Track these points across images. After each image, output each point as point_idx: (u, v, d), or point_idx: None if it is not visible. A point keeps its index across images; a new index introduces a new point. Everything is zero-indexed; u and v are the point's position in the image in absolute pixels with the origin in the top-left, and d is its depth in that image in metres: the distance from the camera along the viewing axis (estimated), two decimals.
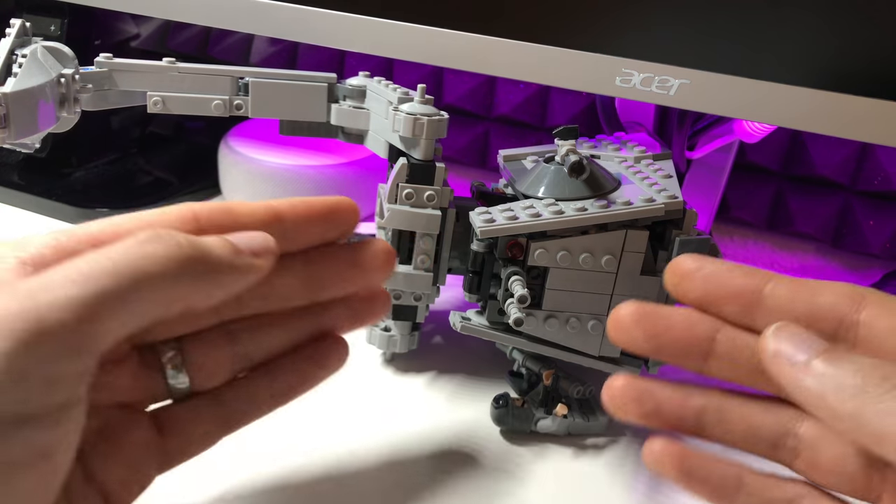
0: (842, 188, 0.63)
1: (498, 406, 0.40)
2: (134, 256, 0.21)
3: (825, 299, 0.24)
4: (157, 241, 0.22)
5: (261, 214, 0.26)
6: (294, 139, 0.63)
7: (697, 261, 0.26)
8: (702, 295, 0.26)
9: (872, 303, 0.23)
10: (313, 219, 0.28)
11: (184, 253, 0.22)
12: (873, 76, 0.38)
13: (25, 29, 0.43)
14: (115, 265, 0.21)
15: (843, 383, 0.21)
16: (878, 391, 0.20)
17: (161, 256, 0.22)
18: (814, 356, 0.22)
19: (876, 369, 0.21)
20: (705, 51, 0.41)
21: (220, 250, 0.23)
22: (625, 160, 0.44)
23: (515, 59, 0.45)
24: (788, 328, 0.23)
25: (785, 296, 0.24)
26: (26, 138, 0.40)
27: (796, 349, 0.22)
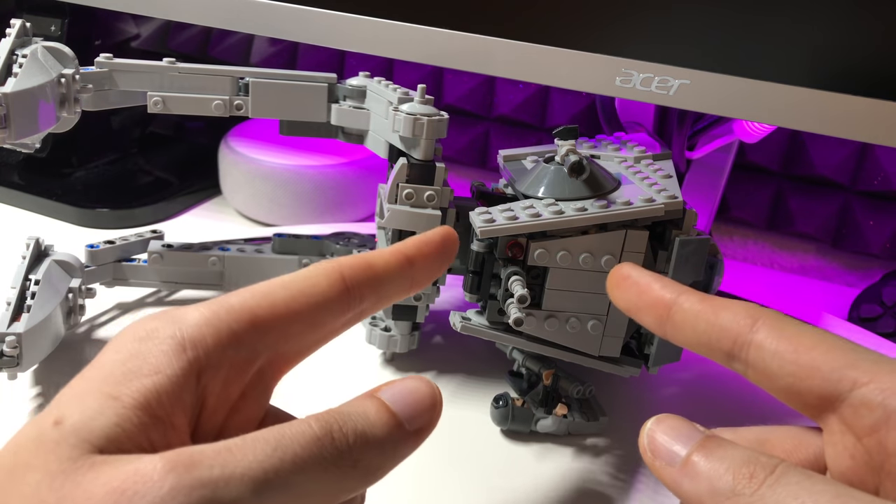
0: (842, 188, 0.63)
1: (498, 406, 0.40)
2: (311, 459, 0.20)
3: (723, 319, 0.24)
4: (330, 443, 0.21)
5: (396, 265, 0.26)
6: (294, 139, 0.63)
7: (630, 269, 0.28)
8: (626, 303, 0.27)
9: (765, 325, 0.23)
10: (435, 256, 0.28)
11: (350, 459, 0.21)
12: (873, 76, 0.38)
13: (26, 29, 0.43)
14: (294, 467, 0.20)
15: (716, 486, 0.21)
16: (748, 490, 0.20)
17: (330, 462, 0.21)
18: (691, 451, 0.22)
19: (745, 465, 0.21)
20: (705, 51, 0.41)
21: (383, 435, 0.22)
22: (625, 160, 0.44)
23: (515, 59, 0.45)
24: (665, 421, 0.24)
25: (689, 312, 0.25)
26: (26, 138, 0.40)
27: (673, 444, 0.23)
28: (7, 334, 0.37)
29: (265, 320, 0.23)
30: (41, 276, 0.42)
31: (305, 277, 0.24)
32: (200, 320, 0.22)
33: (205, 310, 0.22)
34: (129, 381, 0.20)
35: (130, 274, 0.49)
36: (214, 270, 0.49)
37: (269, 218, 0.63)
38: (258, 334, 0.22)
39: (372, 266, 0.25)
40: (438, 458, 0.39)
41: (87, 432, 0.19)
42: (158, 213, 0.63)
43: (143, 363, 0.21)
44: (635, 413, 0.44)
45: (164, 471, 0.19)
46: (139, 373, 0.20)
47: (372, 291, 0.25)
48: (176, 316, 0.22)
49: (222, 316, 0.22)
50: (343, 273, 0.24)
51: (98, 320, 0.48)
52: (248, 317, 0.22)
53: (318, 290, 0.24)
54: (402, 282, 0.26)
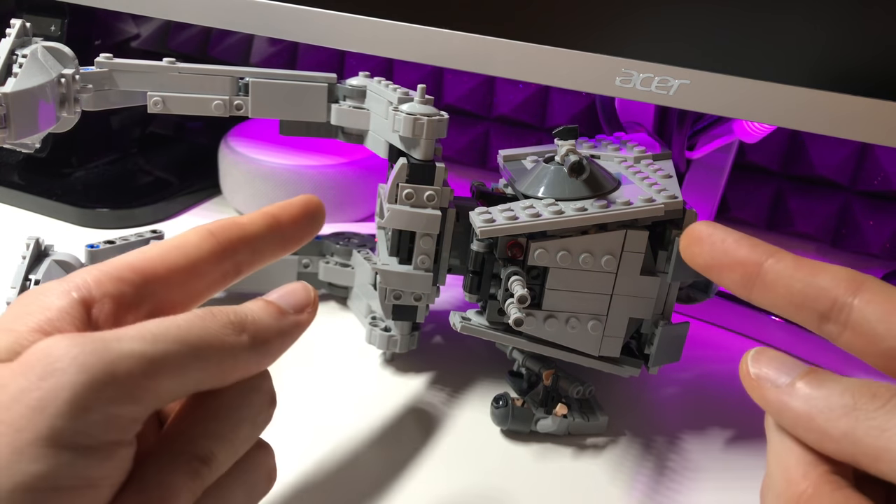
0: (841, 188, 0.63)
1: (498, 406, 0.40)
2: (196, 329, 0.23)
3: (823, 280, 0.24)
4: (211, 318, 0.24)
5: (261, 220, 0.29)
6: (294, 139, 0.63)
7: (710, 228, 0.27)
8: (707, 261, 0.27)
9: (869, 289, 0.23)
10: (300, 216, 0.30)
11: (235, 328, 0.25)
12: (873, 76, 0.38)
13: (26, 29, 0.43)
14: (179, 332, 0.23)
15: (832, 403, 0.21)
16: (870, 408, 0.20)
17: (216, 331, 0.24)
18: (797, 378, 0.22)
19: (864, 387, 0.21)
20: (705, 51, 0.41)
21: (267, 319, 0.26)
22: (625, 160, 0.44)
23: (515, 59, 0.45)
24: (768, 352, 0.24)
25: (784, 272, 0.25)
26: (26, 138, 0.40)
27: (778, 372, 0.23)
28: None
29: (143, 270, 0.25)
30: (41, 276, 0.42)
31: (177, 237, 0.27)
32: (85, 274, 0.25)
33: (91, 268, 0.25)
34: (21, 318, 0.23)
35: None
36: None
37: None
38: (139, 279, 0.25)
39: (238, 222, 0.28)
40: (438, 458, 0.39)
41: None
42: (158, 213, 0.63)
43: (34, 305, 0.24)
44: (635, 413, 0.44)
45: (63, 340, 0.21)
46: (30, 311, 0.23)
47: (243, 244, 0.28)
48: (67, 277, 0.25)
49: (104, 269, 0.25)
50: (211, 229, 0.28)
51: None
52: (127, 267, 0.25)
53: (189, 242, 0.27)
54: (272, 238, 0.29)
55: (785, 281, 0.24)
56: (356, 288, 0.50)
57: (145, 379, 0.22)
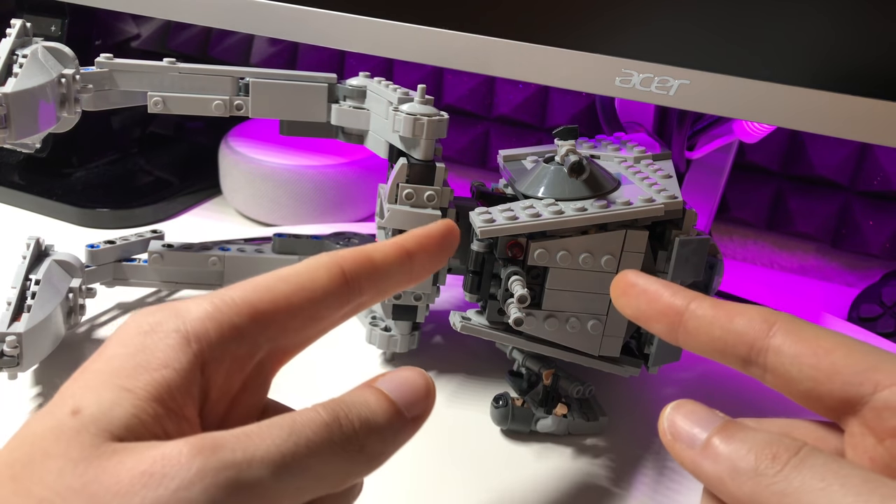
0: (841, 188, 0.63)
1: (498, 406, 0.40)
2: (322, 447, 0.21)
3: (738, 325, 0.24)
4: (338, 431, 0.22)
5: (396, 259, 0.27)
6: (294, 139, 0.63)
7: (636, 277, 0.27)
8: (635, 312, 0.27)
9: (782, 329, 0.23)
10: (435, 250, 0.28)
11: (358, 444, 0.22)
12: (873, 76, 0.38)
13: (26, 29, 0.43)
14: (308, 453, 0.21)
15: (738, 466, 0.21)
16: (770, 472, 0.20)
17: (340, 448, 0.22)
18: (712, 434, 0.22)
19: (767, 447, 0.21)
20: (705, 51, 0.41)
21: (387, 428, 0.23)
22: (625, 160, 0.44)
23: (515, 59, 0.45)
24: (684, 407, 0.24)
25: (703, 319, 0.25)
26: (27, 138, 0.40)
27: (693, 429, 0.23)
28: (7, 334, 0.37)
29: (266, 314, 0.23)
30: (41, 276, 0.42)
31: (306, 271, 0.24)
32: (203, 314, 0.22)
33: (207, 304, 0.22)
34: (139, 375, 0.21)
35: (131, 274, 0.49)
36: (215, 270, 0.49)
37: (269, 218, 0.63)
38: (259, 328, 0.23)
39: (372, 260, 0.26)
40: (438, 457, 0.39)
41: (106, 422, 0.20)
42: (158, 213, 0.63)
43: (151, 357, 0.21)
44: (635, 413, 0.44)
45: (191, 454, 0.19)
46: (148, 366, 0.21)
47: (371, 285, 0.26)
48: (179, 309, 0.22)
49: (224, 310, 0.22)
50: (343, 267, 0.25)
51: (98, 320, 0.48)
52: (249, 311, 0.23)
53: (319, 284, 0.24)
54: (401, 275, 0.27)
55: (705, 328, 0.25)
56: None
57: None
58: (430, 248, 0.28)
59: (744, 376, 0.25)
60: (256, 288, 0.23)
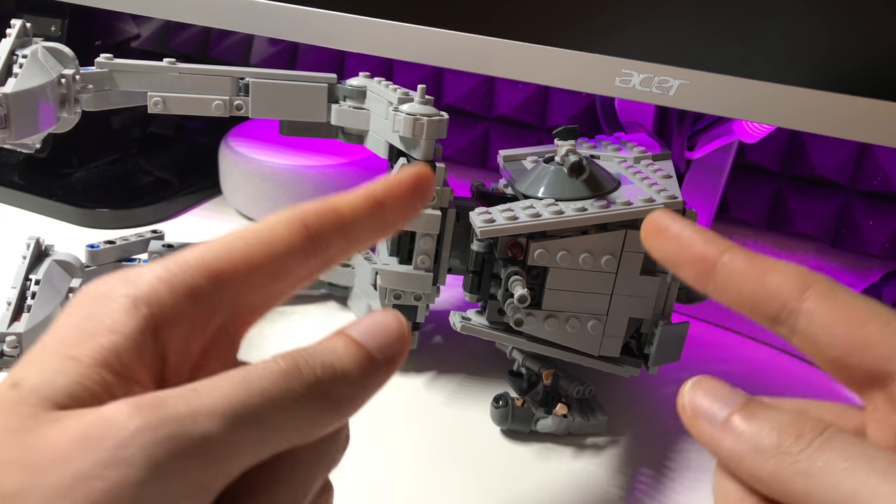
0: (841, 188, 0.63)
1: (498, 406, 0.40)
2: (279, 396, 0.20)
3: (772, 282, 0.23)
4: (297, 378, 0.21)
5: (363, 207, 0.25)
6: (294, 139, 0.63)
7: (668, 219, 0.25)
8: (665, 254, 0.25)
9: (817, 293, 0.22)
10: (407, 197, 0.26)
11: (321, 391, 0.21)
12: (873, 76, 0.38)
13: (26, 29, 0.43)
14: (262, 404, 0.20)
15: (760, 444, 0.21)
16: (794, 450, 0.20)
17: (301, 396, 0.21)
18: (733, 411, 0.22)
19: (791, 426, 0.20)
20: (705, 51, 0.41)
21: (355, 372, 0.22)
22: (624, 160, 0.44)
23: (515, 59, 0.45)
24: (705, 382, 0.23)
25: (735, 271, 0.24)
26: (27, 138, 0.40)
27: (714, 405, 0.22)
28: (7, 334, 0.37)
29: (223, 274, 0.22)
30: (42, 276, 0.42)
31: (265, 227, 0.23)
32: (154, 278, 0.21)
33: (159, 268, 0.21)
34: (85, 341, 0.20)
35: None
36: None
37: None
38: (216, 288, 0.22)
39: (337, 211, 0.24)
40: (438, 457, 0.39)
41: (47, 391, 0.19)
42: (159, 213, 0.63)
43: (99, 323, 0.20)
44: (635, 413, 0.44)
45: (130, 412, 0.18)
46: (95, 332, 0.20)
47: (339, 237, 0.24)
48: (130, 275, 0.21)
49: (177, 272, 0.21)
50: (305, 220, 0.24)
51: None
52: (205, 271, 0.22)
53: (279, 238, 0.23)
54: (372, 226, 0.25)
55: (736, 281, 0.24)
56: (356, 288, 0.50)
57: (219, 465, 0.19)
58: (403, 195, 0.25)
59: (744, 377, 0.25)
60: (212, 248, 0.22)
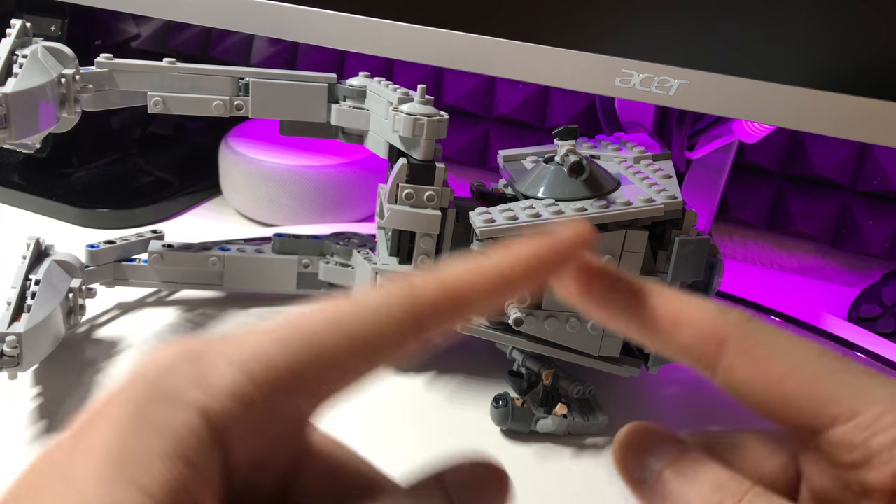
0: (841, 188, 0.63)
1: (498, 406, 0.40)
2: None
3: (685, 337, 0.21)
4: None
5: (491, 291, 0.20)
6: (294, 139, 0.63)
7: None
8: None
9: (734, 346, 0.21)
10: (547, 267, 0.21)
11: None
12: (873, 76, 0.38)
13: (26, 29, 0.43)
14: None
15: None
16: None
17: None
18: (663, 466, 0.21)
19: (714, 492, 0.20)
20: (705, 51, 0.41)
21: None
22: (624, 160, 0.44)
23: (515, 59, 0.45)
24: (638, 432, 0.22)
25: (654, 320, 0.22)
26: (27, 138, 0.40)
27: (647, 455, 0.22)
28: (7, 334, 0.37)
29: (310, 379, 0.18)
30: (41, 276, 0.42)
31: (368, 316, 0.19)
32: (234, 390, 0.18)
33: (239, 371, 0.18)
34: (154, 468, 0.17)
35: (131, 274, 0.49)
36: (214, 270, 0.49)
37: (269, 218, 0.63)
38: (298, 395, 0.18)
39: (458, 301, 0.19)
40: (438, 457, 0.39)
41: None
42: (159, 213, 0.63)
43: (168, 445, 0.17)
44: (635, 413, 0.44)
45: None
46: (164, 457, 0.17)
47: (447, 327, 0.20)
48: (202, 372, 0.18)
49: (259, 382, 0.18)
50: (419, 313, 0.19)
51: (98, 320, 0.48)
52: (291, 380, 0.18)
53: (382, 335, 0.19)
54: (486, 311, 0.21)
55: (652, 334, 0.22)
56: (356, 288, 0.50)
57: None
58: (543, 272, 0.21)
59: None
60: (303, 341, 0.18)
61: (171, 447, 0.17)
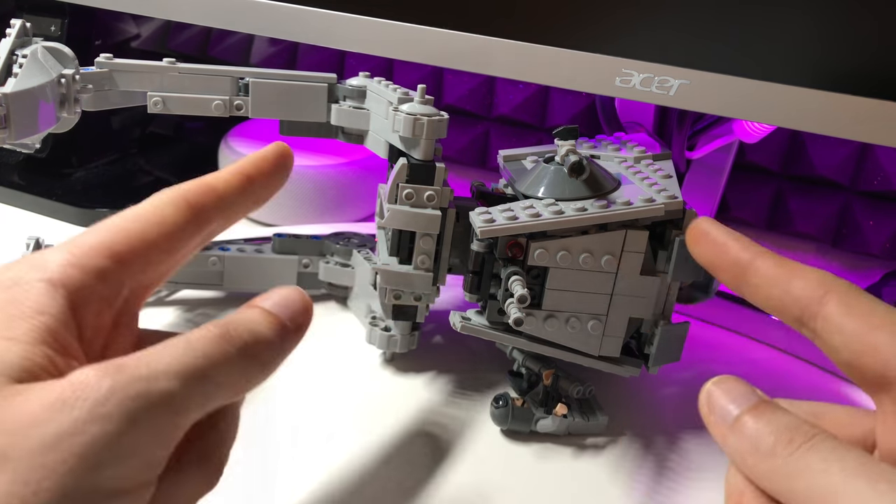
0: (841, 188, 0.63)
1: (498, 406, 0.40)
2: (217, 357, 0.23)
3: (796, 286, 0.25)
4: (229, 342, 0.23)
5: (237, 184, 0.28)
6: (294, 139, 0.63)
7: (709, 226, 0.29)
8: (708, 259, 0.28)
9: (835, 297, 0.24)
10: (271, 171, 0.29)
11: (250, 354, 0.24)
12: (873, 76, 0.38)
13: (26, 29, 0.43)
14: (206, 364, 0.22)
15: (758, 446, 0.22)
16: (784, 453, 0.21)
17: (235, 358, 0.23)
18: (745, 412, 0.23)
19: (787, 430, 0.22)
20: (705, 51, 0.41)
21: (273, 338, 0.25)
22: (625, 160, 0.44)
23: (515, 59, 0.45)
24: (726, 382, 0.24)
25: (764, 276, 0.26)
26: (27, 138, 0.40)
27: (728, 403, 0.24)
28: None
29: (124, 254, 0.24)
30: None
31: (153, 208, 0.26)
32: (64, 262, 0.23)
33: (65, 253, 0.23)
34: (17, 324, 0.21)
35: None
36: (214, 270, 0.49)
37: (269, 218, 0.63)
38: (120, 268, 0.24)
39: (215, 188, 0.27)
40: (438, 457, 0.39)
41: (2, 368, 0.20)
42: None
43: (23, 307, 0.22)
44: (635, 413, 0.44)
45: (98, 375, 0.20)
46: (24, 315, 0.22)
47: (218, 213, 0.27)
48: (36, 262, 0.23)
49: (83, 256, 0.23)
50: (188, 199, 0.26)
51: None
52: (109, 253, 0.24)
53: (169, 219, 0.26)
54: (244, 200, 0.28)
55: (765, 287, 0.26)
56: (356, 288, 0.50)
57: (179, 417, 0.22)
58: (267, 170, 0.29)
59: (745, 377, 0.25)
60: (110, 229, 0.25)
61: (26, 307, 0.22)
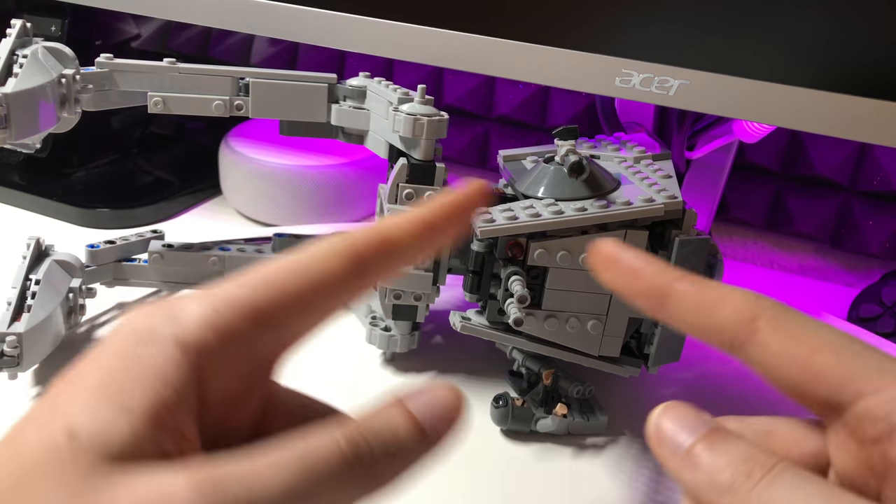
0: (841, 188, 0.63)
1: (498, 406, 0.40)
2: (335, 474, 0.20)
3: (722, 315, 0.23)
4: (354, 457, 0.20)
5: (415, 233, 0.23)
6: (294, 139, 0.63)
7: (618, 250, 0.25)
8: (617, 286, 0.25)
9: (767, 324, 0.22)
10: (457, 213, 0.24)
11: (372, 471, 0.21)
12: (873, 76, 0.38)
13: (26, 29, 0.43)
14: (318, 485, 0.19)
15: (716, 481, 0.21)
16: (745, 488, 0.20)
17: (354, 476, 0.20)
18: (695, 441, 0.22)
19: (743, 462, 0.21)
20: (705, 51, 0.41)
21: (408, 448, 0.22)
22: (624, 160, 0.44)
23: (515, 59, 0.45)
24: (673, 409, 0.23)
25: (686, 303, 0.24)
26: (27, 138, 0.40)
27: (679, 433, 0.23)
28: (7, 334, 0.37)
29: (273, 316, 0.21)
30: (42, 276, 0.42)
31: (318, 261, 0.22)
32: (203, 320, 0.20)
33: (207, 308, 0.21)
34: (135, 392, 0.19)
35: (131, 274, 0.49)
36: (215, 270, 0.50)
37: (269, 218, 0.63)
38: (264, 330, 0.21)
39: (390, 241, 0.23)
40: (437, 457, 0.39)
41: (103, 445, 0.19)
42: (159, 213, 0.63)
43: (147, 371, 0.20)
44: (635, 413, 0.44)
45: (188, 488, 0.18)
46: (144, 381, 0.20)
47: (386, 267, 0.23)
48: (176, 313, 0.21)
49: (226, 314, 0.21)
50: (359, 252, 0.22)
51: (98, 320, 0.48)
52: (255, 313, 0.21)
53: (332, 275, 0.22)
54: (418, 252, 0.24)
55: (687, 313, 0.24)
56: None
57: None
58: (451, 212, 0.24)
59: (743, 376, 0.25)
60: (263, 283, 0.21)
61: (150, 373, 0.20)
